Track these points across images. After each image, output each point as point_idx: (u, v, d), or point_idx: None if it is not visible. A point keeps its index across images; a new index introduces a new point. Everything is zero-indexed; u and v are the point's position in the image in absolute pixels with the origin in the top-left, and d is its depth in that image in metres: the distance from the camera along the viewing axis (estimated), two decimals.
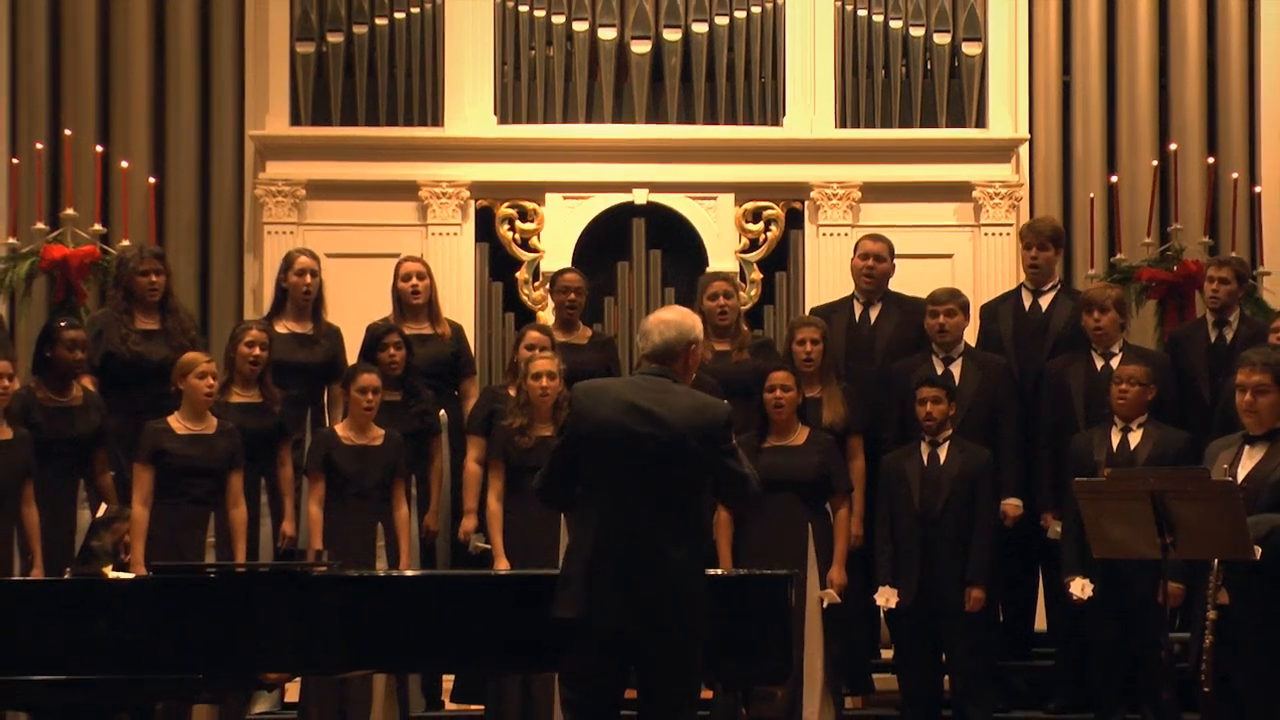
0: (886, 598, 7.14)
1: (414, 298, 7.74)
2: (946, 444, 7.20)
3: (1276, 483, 5.09)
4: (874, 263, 7.84)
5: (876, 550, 7.24)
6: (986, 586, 7.12)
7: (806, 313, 8.34)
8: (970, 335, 7.81)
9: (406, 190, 9.41)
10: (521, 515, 6.99)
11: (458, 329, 7.99)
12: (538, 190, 9.47)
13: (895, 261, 7.93)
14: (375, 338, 7.43)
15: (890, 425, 7.52)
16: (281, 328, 7.67)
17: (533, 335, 7.46)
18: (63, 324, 7.36)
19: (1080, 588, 7.01)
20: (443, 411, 7.58)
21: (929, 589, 7.10)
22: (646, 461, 4.95)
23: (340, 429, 7.24)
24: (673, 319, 5.17)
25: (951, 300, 7.55)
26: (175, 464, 6.96)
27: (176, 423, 7.02)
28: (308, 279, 7.73)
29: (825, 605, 7.01)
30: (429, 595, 5.61)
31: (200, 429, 7.02)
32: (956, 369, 7.47)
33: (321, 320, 7.78)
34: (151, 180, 9.21)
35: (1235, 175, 9.27)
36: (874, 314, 7.86)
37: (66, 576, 5.98)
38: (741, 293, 8.55)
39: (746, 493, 5.16)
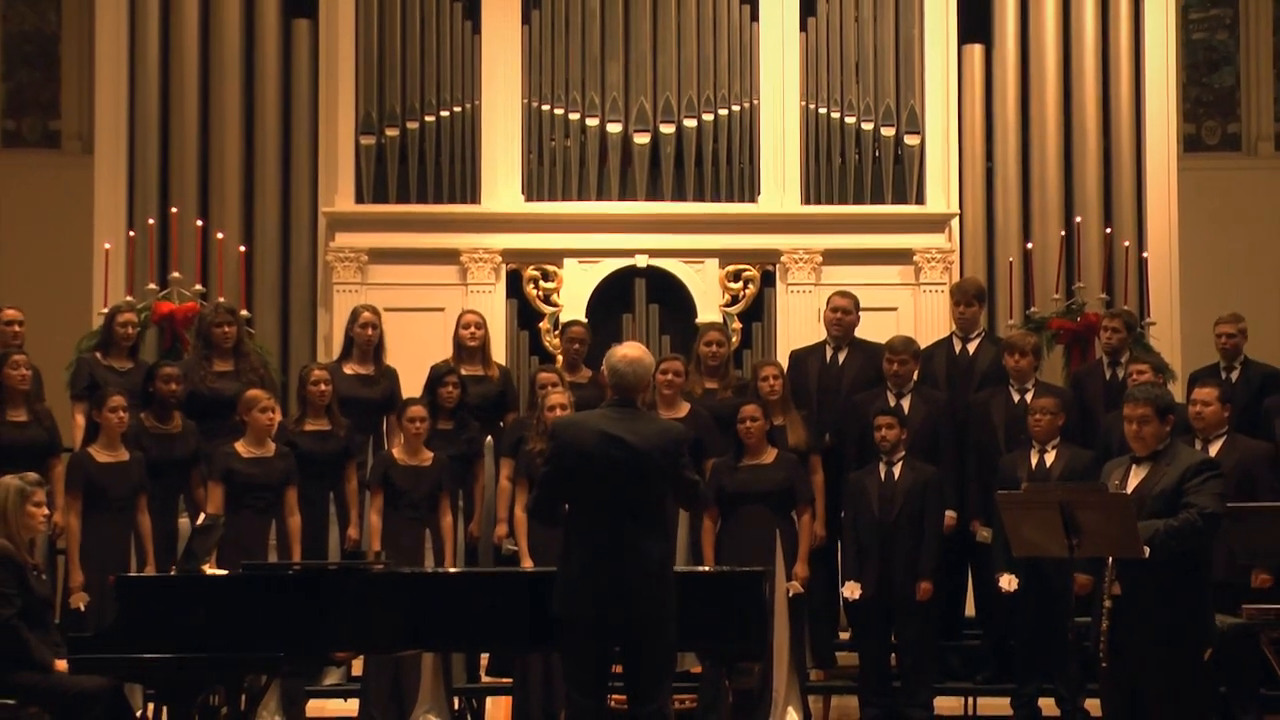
0: (852, 590, 7.13)
1: (470, 341, 7.77)
2: (900, 463, 7.20)
3: (1158, 495, 5.09)
4: (842, 315, 7.88)
5: (843, 552, 7.25)
6: (934, 580, 7.14)
7: (787, 356, 8.22)
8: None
9: (450, 256, 9.45)
10: None
11: (505, 371, 8.04)
12: (557, 256, 9.51)
13: (860, 314, 7.95)
14: (437, 376, 7.46)
15: (851, 447, 7.56)
16: (348, 370, 7.71)
17: (541, 376, 7.50)
18: (160, 364, 7.41)
19: (1008, 582, 7.03)
20: (490, 438, 7.60)
21: (886, 582, 7.11)
22: (623, 479, 4.97)
23: (396, 451, 7.26)
24: (636, 356, 5.13)
25: (905, 351, 7.55)
26: (240, 481, 6.97)
27: (242, 447, 7.03)
28: (369, 331, 7.77)
29: (791, 595, 7.02)
30: (467, 588, 5.64)
31: (260, 452, 7.03)
32: (906, 402, 7.49)
33: (381, 363, 7.81)
34: (242, 249, 9.28)
35: (1127, 243, 9.34)
36: (842, 357, 7.88)
37: (174, 573, 6.01)
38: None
39: (698, 495, 5.31)
